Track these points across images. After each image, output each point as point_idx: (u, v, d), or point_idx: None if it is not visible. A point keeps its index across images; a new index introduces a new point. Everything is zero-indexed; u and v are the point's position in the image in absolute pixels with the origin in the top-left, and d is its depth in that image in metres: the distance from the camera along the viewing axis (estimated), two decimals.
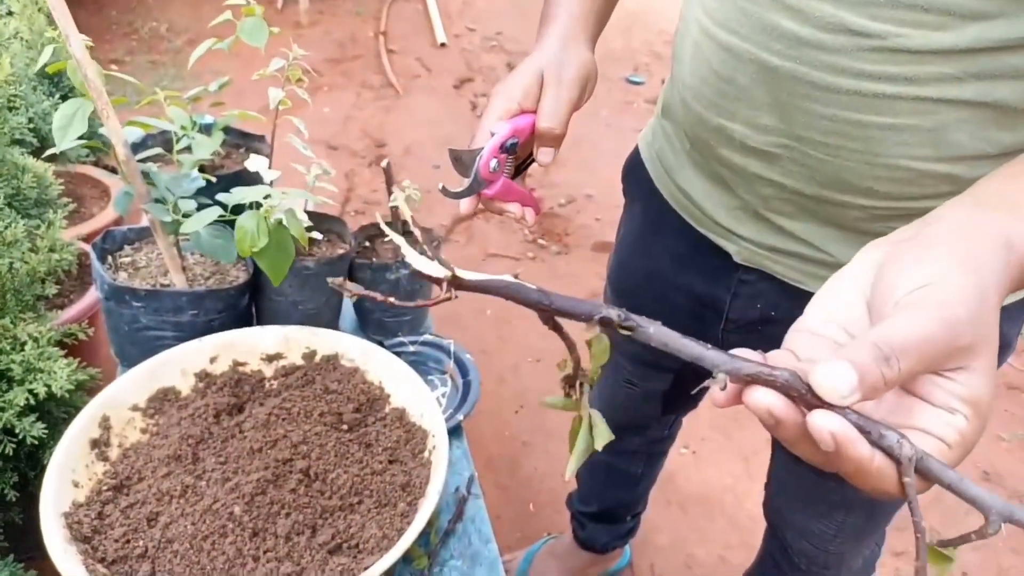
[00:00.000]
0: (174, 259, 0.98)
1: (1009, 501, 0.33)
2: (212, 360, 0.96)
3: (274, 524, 0.78)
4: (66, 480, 0.79)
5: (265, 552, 0.76)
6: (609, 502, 1.22)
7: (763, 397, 0.33)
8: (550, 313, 0.39)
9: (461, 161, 0.69)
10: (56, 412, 0.92)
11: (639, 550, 1.45)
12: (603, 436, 0.43)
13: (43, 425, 0.99)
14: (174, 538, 0.75)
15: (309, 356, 1.01)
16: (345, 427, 0.92)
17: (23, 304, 1.14)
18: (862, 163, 0.62)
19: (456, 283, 0.38)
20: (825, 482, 0.81)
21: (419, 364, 1.10)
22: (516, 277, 0.39)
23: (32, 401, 1.00)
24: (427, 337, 1.15)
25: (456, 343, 1.15)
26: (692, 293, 0.83)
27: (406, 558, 0.83)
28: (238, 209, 0.90)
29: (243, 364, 0.98)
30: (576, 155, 2.76)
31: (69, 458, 0.81)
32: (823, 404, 0.31)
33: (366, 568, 0.74)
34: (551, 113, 0.65)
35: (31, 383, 1.00)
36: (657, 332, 0.38)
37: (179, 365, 0.94)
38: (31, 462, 1.07)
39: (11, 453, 1.01)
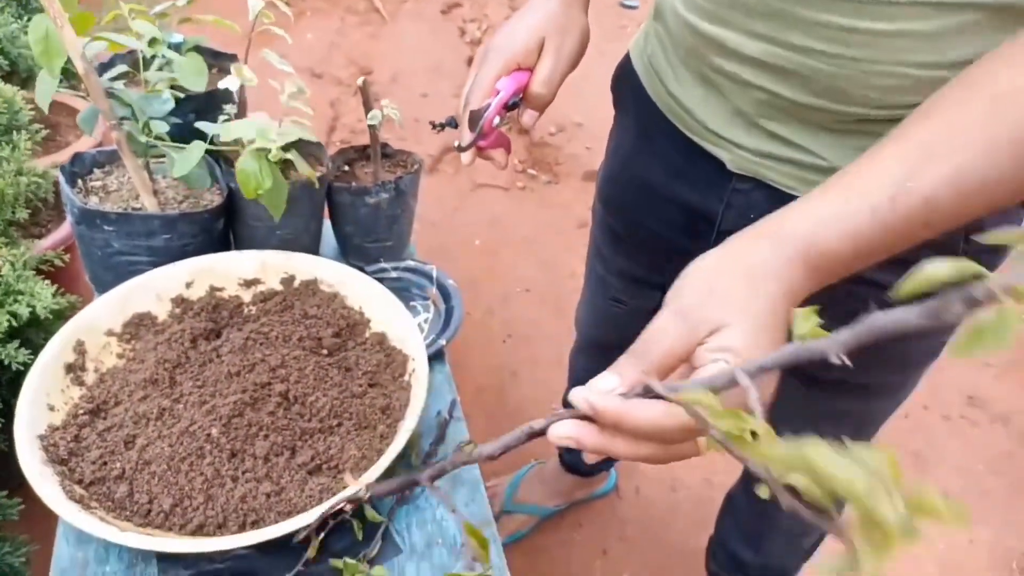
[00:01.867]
0: (144, 182, 0.95)
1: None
2: (188, 285, 0.95)
3: (252, 446, 0.78)
4: (41, 404, 0.78)
5: (244, 472, 0.76)
6: None
7: (557, 430, 0.42)
8: None
9: (472, 119, 0.74)
10: (37, 339, 0.91)
11: (625, 474, 1.47)
12: None
13: (28, 351, 0.99)
14: (151, 459, 0.75)
15: (287, 281, 0.99)
16: (324, 351, 0.92)
17: None
18: (858, 71, 0.59)
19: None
20: (811, 392, 0.81)
21: (401, 290, 1.08)
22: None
23: (14, 323, 0.99)
24: (409, 263, 1.13)
25: (438, 269, 1.14)
26: (685, 205, 0.81)
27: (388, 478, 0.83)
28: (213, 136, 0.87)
29: (220, 289, 0.96)
30: (566, 83, 2.69)
31: (43, 382, 0.80)
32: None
33: (345, 487, 0.74)
34: (547, 80, 0.68)
35: (11, 305, 0.99)
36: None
37: (154, 290, 0.92)
38: (14, 389, 1.07)
39: None
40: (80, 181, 1.02)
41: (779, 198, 0.72)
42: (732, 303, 0.39)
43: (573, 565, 1.33)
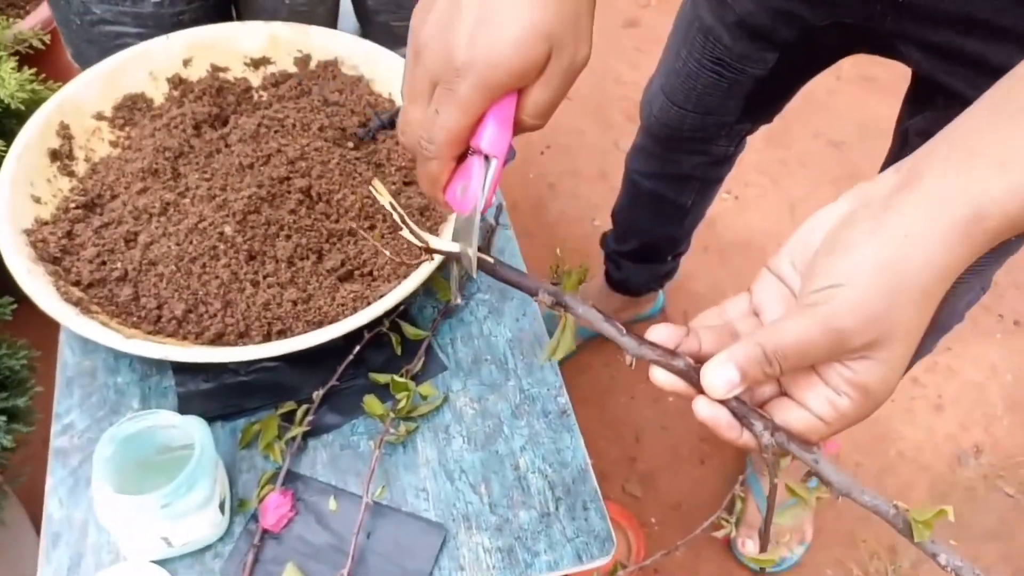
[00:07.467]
0: None
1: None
2: (186, 63, 0.80)
3: (273, 247, 0.67)
4: (24, 194, 0.67)
5: (265, 277, 0.66)
6: (651, 238, 1.10)
7: (660, 376, 0.39)
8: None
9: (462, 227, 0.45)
10: (16, 128, 0.78)
11: (672, 297, 1.38)
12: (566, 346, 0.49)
13: (3, 143, 0.86)
14: (157, 260, 0.65)
15: (303, 62, 0.84)
16: (350, 144, 0.78)
17: None
18: None
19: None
20: None
21: None
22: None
23: None
24: None
25: None
26: None
27: (428, 290, 0.73)
28: None
29: (224, 70, 0.81)
30: None
31: (25, 169, 0.68)
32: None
33: (381, 296, 0.64)
34: (544, 111, 0.41)
35: None
36: (585, 312, 0.43)
37: (146, 67, 0.78)
38: None
39: None
40: None
41: None
42: (898, 330, 0.33)
43: (616, 385, 1.28)
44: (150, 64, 0.78)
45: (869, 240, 0.34)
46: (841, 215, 0.36)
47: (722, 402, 0.37)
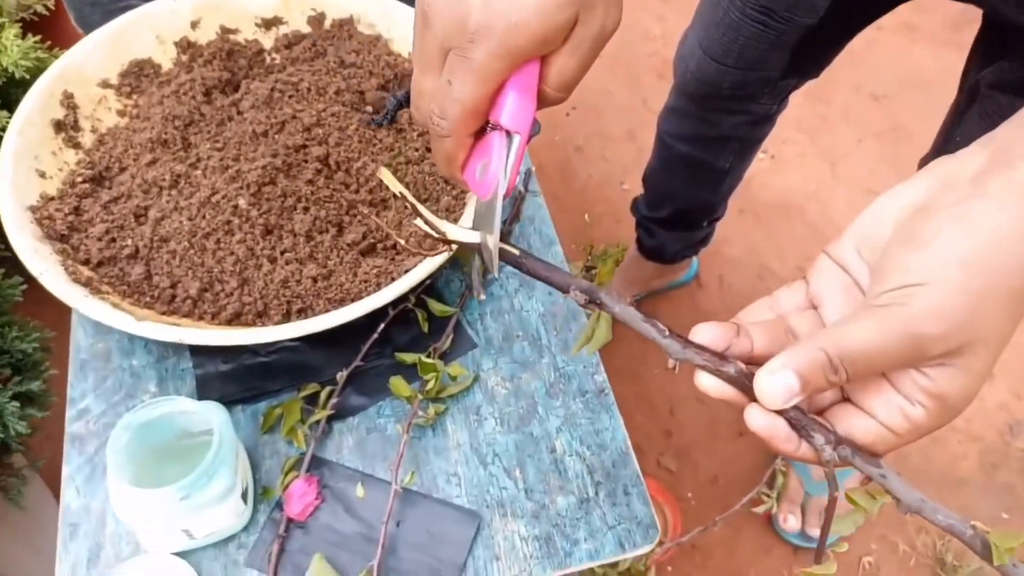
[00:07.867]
0: None
1: None
2: (194, 25, 0.75)
3: (290, 220, 0.63)
4: (28, 169, 0.64)
5: (283, 253, 0.62)
6: (685, 204, 1.05)
7: (707, 383, 0.35)
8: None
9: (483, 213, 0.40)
10: (21, 98, 0.75)
11: (706, 262, 1.33)
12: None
13: (7, 114, 0.83)
14: (169, 236, 0.61)
15: (316, 21, 0.79)
16: (370, 108, 0.74)
17: None
18: None
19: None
20: None
21: None
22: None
23: None
24: None
25: None
26: None
27: (455, 263, 0.69)
28: None
29: (234, 31, 0.77)
30: None
31: (28, 143, 0.64)
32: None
33: (407, 271, 0.60)
34: (570, 82, 0.37)
35: None
36: (623, 312, 0.38)
37: (152, 30, 0.73)
38: None
39: None
40: None
41: None
42: (984, 336, 0.29)
43: (650, 357, 1.23)
44: (156, 27, 0.74)
45: (953, 231, 0.29)
46: (918, 198, 0.32)
47: (779, 412, 0.33)
